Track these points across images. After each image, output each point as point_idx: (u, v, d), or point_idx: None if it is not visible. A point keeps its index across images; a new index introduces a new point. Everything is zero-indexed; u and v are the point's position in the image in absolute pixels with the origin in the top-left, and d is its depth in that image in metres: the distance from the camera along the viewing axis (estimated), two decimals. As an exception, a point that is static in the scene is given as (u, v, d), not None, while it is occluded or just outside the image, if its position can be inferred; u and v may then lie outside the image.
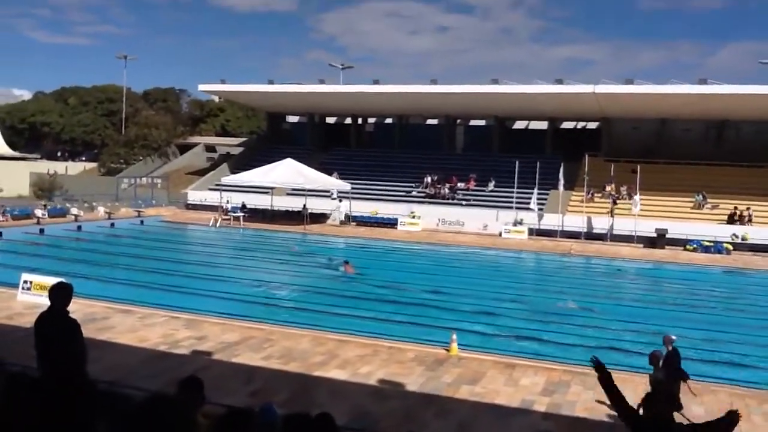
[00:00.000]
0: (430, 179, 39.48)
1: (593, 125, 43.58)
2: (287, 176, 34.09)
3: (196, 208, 39.55)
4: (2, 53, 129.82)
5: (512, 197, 34.99)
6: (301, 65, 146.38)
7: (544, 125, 43.70)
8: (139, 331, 11.92)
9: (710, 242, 30.13)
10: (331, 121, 50.40)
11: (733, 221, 31.96)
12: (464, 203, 37.31)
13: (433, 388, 9.49)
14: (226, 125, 77.29)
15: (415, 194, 39.16)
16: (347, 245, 29.63)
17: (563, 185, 34.62)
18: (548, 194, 35.74)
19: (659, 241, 30.64)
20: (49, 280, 12.90)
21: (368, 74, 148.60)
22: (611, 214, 33.53)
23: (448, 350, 11.36)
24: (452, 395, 9.22)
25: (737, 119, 38.75)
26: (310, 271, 21.93)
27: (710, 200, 33.94)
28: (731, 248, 29.77)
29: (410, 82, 43.33)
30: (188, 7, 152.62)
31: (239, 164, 44.00)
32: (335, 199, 36.89)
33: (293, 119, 51.72)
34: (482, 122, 46.20)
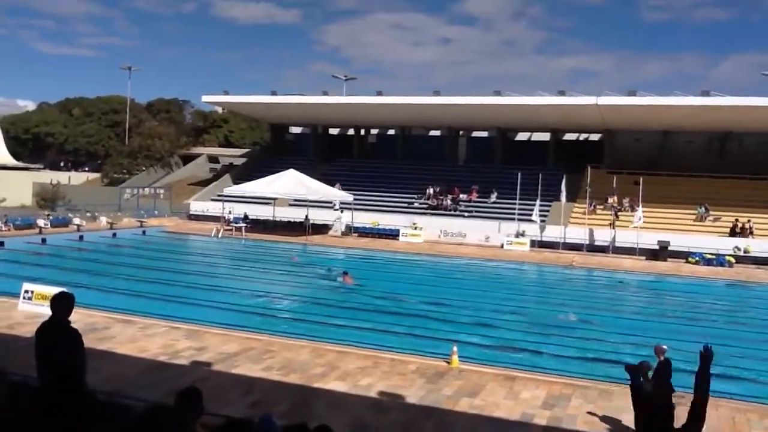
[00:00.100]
0: (432, 190, 39.54)
1: (596, 137, 43.68)
2: (290, 187, 34.18)
3: (198, 218, 39.67)
4: (7, 64, 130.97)
5: (514, 209, 35.00)
6: (304, 77, 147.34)
7: (546, 137, 43.82)
8: (139, 341, 11.92)
9: (712, 255, 30.08)
10: (334, 132, 50.59)
11: (734, 234, 31.92)
12: (466, 215, 37.33)
13: (433, 400, 9.45)
14: (229, 136, 77.61)
15: (417, 205, 39.20)
16: (348, 256, 29.60)
17: (565, 197, 34.65)
18: (550, 206, 35.75)
19: (661, 253, 30.61)
20: (50, 289, 12.93)
21: (371, 86, 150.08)
22: (612, 226, 33.53)
23: (449, 362, 11.32)
24: (452, 408, 9.18)
25: (740, 131, 38.80)
26: (310, 282, 21.91)
27: (713, 212, 33.91)
28: (734, 261, 29.71)
29: (413, 93, 43.37)
30: (192, 19, 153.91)
31: (242, 175, 44.15)
32: (337, 210, 36.93)
33: (296, 130, 51.90)
34: (485, 134, 46.32)
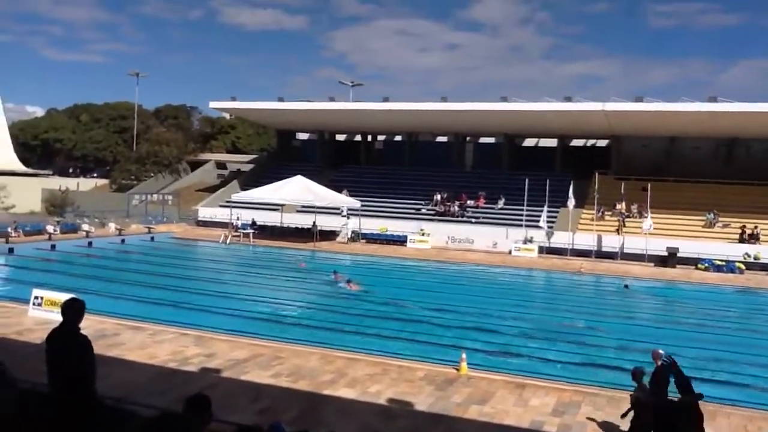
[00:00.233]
0: (439, 197, 39.50)
1: (603, 143, 43.56)
2: (297, 193, 34.23)
3: (206, 224, 39.78)
4: (16, 70, 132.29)
5: (522, 215, 34.92)
6: (311, 83, 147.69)
7: (553, 143, 43.72)
8: (148, 347, 11.93)
9: (722, 261, 29.88)
10: (341, 138, 50.69)
11: (742, 240, 31.73)
12: (474, 221, 37.26)
13: (442, 407, 9.41)
14: (236, 142, 77.86)
15: (424, 212, 39.16)
16: (356, 263, 29.57)
17: (573, 203, 34.53)
18: (558, 212, 35.63)
19: (670, 259, 30.43)
20: (59, 296, 12.98)
21: (378, 92, 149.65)
22: (618, 232, 33.39)
23: (458, 369, 11.28)
24: (461, 415, 9.13)
25: (747, 137, 38.62)
26: (318, 288, 21.89)
27: (721, 219, 33.70)
28: (744, 268, 29.51)
29: (420, 99, 43.30)
30: (199, 25, 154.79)
31: (249, 181, 44.28)
32: (344, 216, 36.95)
33: (303, 136, 52.04)
34: (492, 140, 46.31)
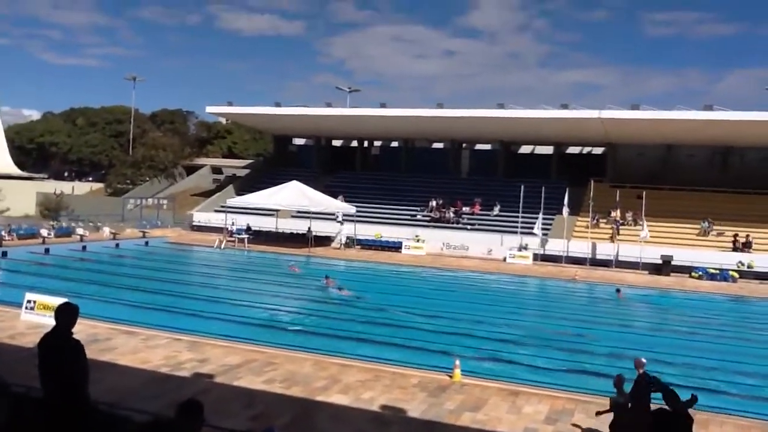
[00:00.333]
0: (435, 203, 39.54)
1: (599, 150, 43.70)
2: (292, 198, 34.21)
3: (201, 229, 39.67)
4: (13, 74, 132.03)
5: (517, 222, 34.99)
6: (308, 88, 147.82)
7: (549, 150, 43.86)
8: (141, 352, 11.89)
9: (716, 270, 29.97)
10: (337, 144, 50.71)
11: (735, 248, 31.84)
12: (469, 227, 37.29)
13: (435, 414, 9.41)
14: (232, 147, 77.87)
15: (420, 218, 39.18)
16: (351, 268, 29.53)
17: (568, 210, 34.60)
18: (553, 219, 35.71)
19: (665, 267, 30.51)
20: (52, 300, 12.95)
21: (375, 98, 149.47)
22: (612, 239, 33.49)
23: (451, 376, 11.27)
24: (454, 422, 9.13)
25: (742, 146, 38.85)
26: (311, 293, 21.84)
27: (715, 227, 33.82)
28: (737, 276, 29.60)
29: (416, 105, 43.15)
30: (197, 30, 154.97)
31: (245, 186, 44.24)
32: (339, 221, 36.93)
33: (299, 142, 52.05)
34: (488, 146, 46.42)
